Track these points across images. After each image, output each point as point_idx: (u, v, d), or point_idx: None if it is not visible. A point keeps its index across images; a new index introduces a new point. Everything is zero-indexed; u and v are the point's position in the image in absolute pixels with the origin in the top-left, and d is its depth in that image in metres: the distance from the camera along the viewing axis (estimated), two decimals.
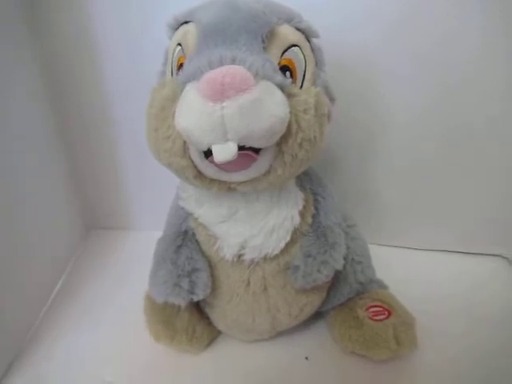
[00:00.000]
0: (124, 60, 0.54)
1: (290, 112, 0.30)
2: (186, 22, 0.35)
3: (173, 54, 0.35)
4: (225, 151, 0.28)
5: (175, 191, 0.44)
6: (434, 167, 0.56)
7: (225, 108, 0.27)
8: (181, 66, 0.34)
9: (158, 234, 0.44)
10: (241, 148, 0.28)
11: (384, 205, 0.61)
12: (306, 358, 0.47)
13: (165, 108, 0.31)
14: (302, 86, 0.34)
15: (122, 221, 0.69)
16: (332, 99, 0.40)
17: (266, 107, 0.28)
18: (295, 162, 0.32)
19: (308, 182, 0.42)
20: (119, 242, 0.67)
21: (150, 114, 0.33)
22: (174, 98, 0.31)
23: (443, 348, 0.47)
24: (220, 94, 0.27)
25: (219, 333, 0.50)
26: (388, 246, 0.63)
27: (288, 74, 0.33)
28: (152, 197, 0.64)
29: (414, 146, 0.55)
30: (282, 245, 0.40)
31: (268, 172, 0.33)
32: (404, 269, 0.57)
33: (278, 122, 0.29)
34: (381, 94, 0.52)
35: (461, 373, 0.45)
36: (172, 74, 0.35)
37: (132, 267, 0.59)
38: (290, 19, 0.34)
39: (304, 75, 0.34)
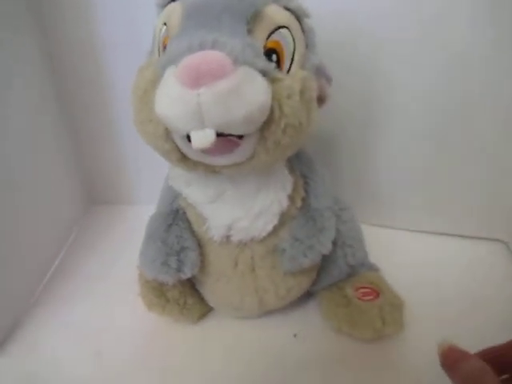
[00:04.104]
0: (123, 39, 0.54)
1: (273, 98, 0.29)
2: (174, 0, 0.34)
3: (159, 34, 0.34)
4: (203, 138, 0.27)
5: None
6: (432, 150, 0.55)
7: (201, 95, 0.26)
8: (165, 47, 0.33)
9: None
10: (221, 134, 0.28)
11: (379, 185, 0.60)
12: (295, 336, 0.48)
13: (147, 91, 0.31)
14: (289, 69, 0.33)
15: (122, 195, 0.70)
16: (328, 79, 0.39)
17: (244, 95, 0.27)
18: (278, 148, 0.32)
19: (298, 164, 0.42)
20: (119, 217, 0.68)
21: (135, 95, 0.33)
22: (156, 81, 0.30)
23: (432, 333, 0.46)
24: (196, 80, 0.26)
25: (211, 308, 0.50)
26: (382, 226, 0.63)
27: (274, 56, 0.32)
28: (152, 171, 0.62)
29: (412, 127, 0.54)
30: (270, 228, 0.40)
31: (252, 157, 0.32)
32: (398, 251, 0.57)
33: (257, 109, 0.28)
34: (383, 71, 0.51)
35: None
36: (159, 54, 0.35)
37: (131, 241, 0.57)
38: None
39: (292, 58, 0.33)
